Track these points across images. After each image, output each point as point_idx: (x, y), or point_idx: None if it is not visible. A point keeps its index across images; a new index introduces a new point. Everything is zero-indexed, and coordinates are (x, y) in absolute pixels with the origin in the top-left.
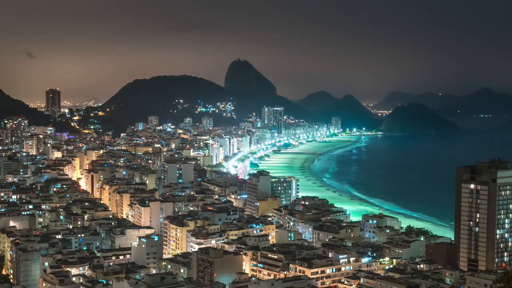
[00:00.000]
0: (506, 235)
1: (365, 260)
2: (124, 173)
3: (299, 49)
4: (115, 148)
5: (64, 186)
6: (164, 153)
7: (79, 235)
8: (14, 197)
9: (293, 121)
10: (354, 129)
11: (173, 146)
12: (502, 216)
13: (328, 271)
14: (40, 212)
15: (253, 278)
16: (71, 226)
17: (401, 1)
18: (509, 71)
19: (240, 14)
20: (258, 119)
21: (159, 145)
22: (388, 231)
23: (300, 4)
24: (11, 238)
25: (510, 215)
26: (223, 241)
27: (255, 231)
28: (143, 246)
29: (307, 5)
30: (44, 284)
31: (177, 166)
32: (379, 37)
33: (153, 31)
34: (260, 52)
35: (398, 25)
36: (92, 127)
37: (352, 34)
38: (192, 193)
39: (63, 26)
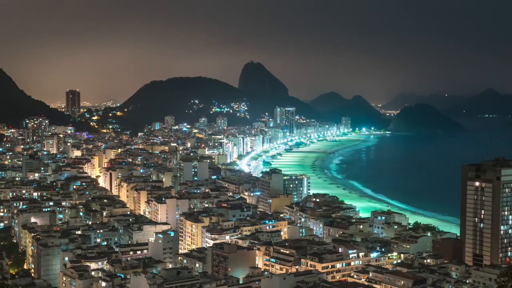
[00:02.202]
0: (510, 231)
1: (374, 255)
2: (141, 171)
3: (311, 52)
4: (132, 147)
5: (84, 184)
6: (180, 152)
7: (98, 231)
8: (35, 194)
9: (305, 121)
10: (363, 129)
11: (188, 145)
12: (506, 212)
13: (338, 265)
14: (61, 209)
15: (266, 272)
16: (90, 222)
17: (408, 5)
18: None
19: (253, 18)
20: (270, 119)
21: (175, 144)
22: (396, 227)
23: (311, 9)
24: (33, 234)
25: None
26: (237, 237)
27: (267, 227)
28: (160, 241)
29: (317, 10)
30: (64, 278)
31: (193, 164)
32: (387, 40)
33: (169, 34)
34: (273, 54)
35: (405, 28)
36: (110, 126)
37: (361, 37)
38: (207, 190)
39: (82, 29)
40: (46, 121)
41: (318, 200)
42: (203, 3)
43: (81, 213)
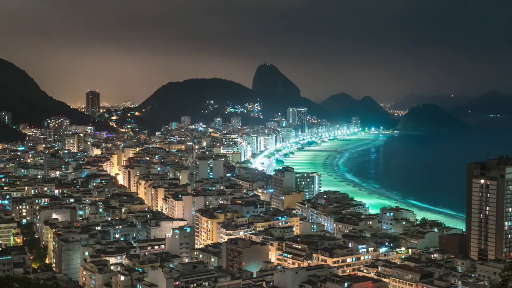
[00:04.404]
0: None
1: (382, 250)
2: (158, 169)
3: (322, 54)
4: (150, 146)
5: (103, 181)
6: (196, 151)
7: (117, 227)
8: (56, 191)
9: (316, 121)
10: (373, 128)
11: (204, 144)
12: (510, 209)
13: (348, 260)
14: (81, 205)
15: (279, 267)
16: (109, 218)
17: (414, 9)
18: None
19: (266, 22)
20: (283, 119)
21: (191, 143)
22: (404, 223)
23: (322, 14)
24: (54, 230)
25: None
26: (250, 232)
27: (280, 223)
28: (177, 237)
29: (328, 16)
30: (84, 272)
31: (208, 162)
32: (395, 43)
33: (185, 38)
34: (286, 57)
35: (412, 32)
36: (129, 126)
37: (370, 40)
38: (222, 187)
39: (102, 33)
40: (67, 121)
41: (329, 197)
42: (218, 8)
43: (100, 210)
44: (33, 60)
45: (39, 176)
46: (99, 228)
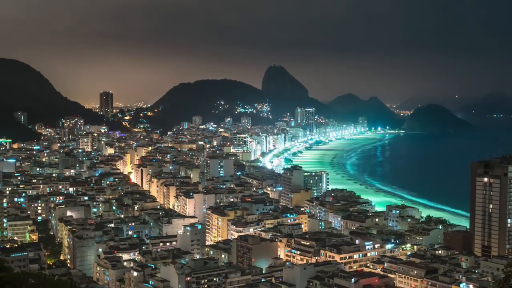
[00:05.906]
0: None
1: (388, 246)
2: (170, 167)
3: (329, 56)
4: (162, 145)
5: (116, 180)
6: (207, 150)
7: (130, 224)
8: (71, 189)
9: (324, 121)
10: (379, 128)
11: (215, 143)
12: None
13: (355, 256)
14: (95, 203)
15: (288, 263)
16: (122, 216)
17: (419, 12)
18: None
19: (274, 24)
20: (292, 119)
21: (202, 143)
22: (409, 220)
23: (329, 17)
24: (69, 227)
25: None
26: (260, 229)
27: (289, 220)
28: (188, 234)
29: (335, 18)
30: (98, 268)
31: (219, 161)
32: (401, 45)
33: (196, 40)
34: (294, 58)
35: (417, 34)
36: (141, 126)
37: (377, 42)
38: (232, 186)
39: (115, 36)
40: (81, 121)
41: (336, 195)
42: (227, 11)
43: (114, 207)
44: (48, 62)
45: (54, 175)
46: (112, 225)
